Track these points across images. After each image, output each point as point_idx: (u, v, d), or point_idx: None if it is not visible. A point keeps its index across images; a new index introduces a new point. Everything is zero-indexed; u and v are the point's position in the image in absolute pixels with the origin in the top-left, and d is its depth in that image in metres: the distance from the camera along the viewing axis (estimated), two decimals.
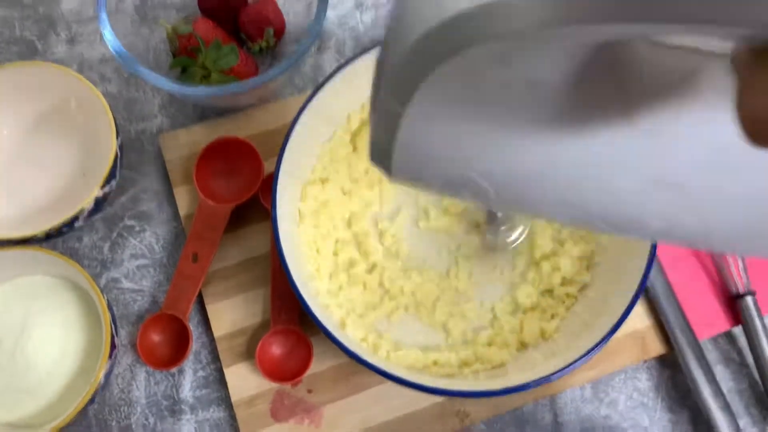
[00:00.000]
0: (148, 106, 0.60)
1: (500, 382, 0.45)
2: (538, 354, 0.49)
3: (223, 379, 0.53)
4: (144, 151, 0.59)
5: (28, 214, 0.55)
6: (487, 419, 0.52)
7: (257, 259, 0.55)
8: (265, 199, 0.55)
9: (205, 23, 0.56)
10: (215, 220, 0.55)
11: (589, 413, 0.53)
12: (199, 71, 0.55)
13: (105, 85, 0.61)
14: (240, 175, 0.56)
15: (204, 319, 0.54)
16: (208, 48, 0.55)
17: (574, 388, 0.53)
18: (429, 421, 0.51)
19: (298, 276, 0.46)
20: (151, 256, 0.56)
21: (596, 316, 0.47)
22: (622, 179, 0.23)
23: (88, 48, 0.62)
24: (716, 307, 0.55)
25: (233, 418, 0.52)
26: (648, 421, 0.53)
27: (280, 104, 0.59)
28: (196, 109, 0.60)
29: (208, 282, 0.54)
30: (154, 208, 0.57)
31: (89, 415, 0.52)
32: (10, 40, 0.62)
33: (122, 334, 0.54)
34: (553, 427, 0.52)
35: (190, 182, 0.57)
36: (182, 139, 0.58)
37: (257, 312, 0.54)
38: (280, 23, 0.59)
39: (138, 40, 0.56)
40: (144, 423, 0.52)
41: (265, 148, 0.56)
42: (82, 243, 0.56)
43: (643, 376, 0.54)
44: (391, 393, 0.52)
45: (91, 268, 0.56)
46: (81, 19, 0.63)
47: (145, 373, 0.53)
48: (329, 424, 0.51)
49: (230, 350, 0.53)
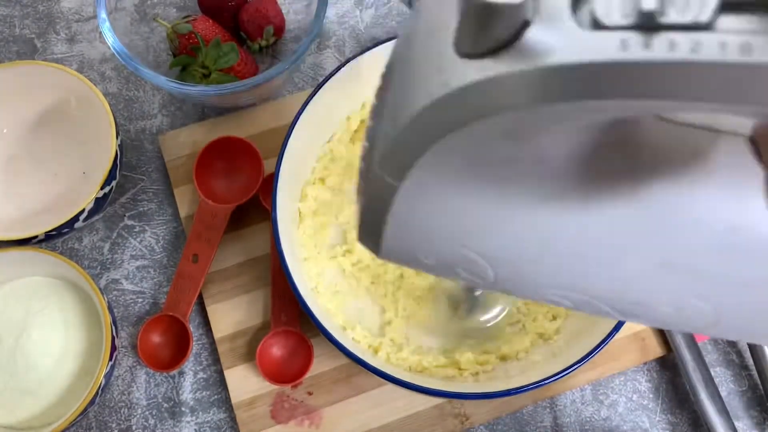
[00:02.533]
0: (148, 106, 0.60)
1: (500, 384, 0.45)
2: (538, 356, 0.49)
3: (224, 381, 0.53)
4: (144, 150, 0.59)
5: (28, 214, 0.55)
6: (487, 422, 0.52)
7: (257, 259, 0.55)
8: (265, 199, 0.55)
9: (205, 22, 0.56)
10: (215, 221, 0.54)
11: (589, 415, 0.53)
12: (199, 70, 0.55)
13: (105, 84, 0.61)
14: (240, 175, 0.56)
15: (204, 320, 0.54)
16: (207, 47, 0.54)
17: (574, 390, 0.53)
18: (429, 424, 0.51)
19: (299, 277, 0.46)
20: (151, 257, 0.56)
21: (596, 317, 0.47)
22: (629, 260, 0.22)
23: (87, 47, 0.62)
24: None
25: (233, 420, 0.52)
26: (648, 423, 0.53)
27: (280, 103, 0.59)
28: (196, 109, 0.60)
29: (209, 283, 0.54)
30: (154, 208, 0.57)
31: (89, 417, 0.52)
32: (9, 39, 0.62)
33: (122, 335, 0.54)
34: (552, 429, 0.52)
35: (190, 182, 0.57)
36: (182, 138, 0.58)
37: (258, 313, 0.54)
38: (280, 22, 0.58)
39: (138, 39, 0.56)
40: (144, 425, 0.52)
41: (265, 147, 0.56)
42: (82, 243, 0.56)
43: (643, 378, 0.54)
44: (392, 395, 0.52)
45: (92, 268, 0.56)
46: (81, 17, 0.62)
47: (146, 374, 0.53)
48: (329, 425, 0.51)
49: (230, 352, 0.53)
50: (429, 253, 0.24)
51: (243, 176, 0.56)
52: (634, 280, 0.22)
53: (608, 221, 0.21)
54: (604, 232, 0.22)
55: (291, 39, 0.60)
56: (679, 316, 0.23)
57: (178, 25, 0.55)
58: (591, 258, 0.22)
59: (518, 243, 0.23)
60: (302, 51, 0.52)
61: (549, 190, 0.21)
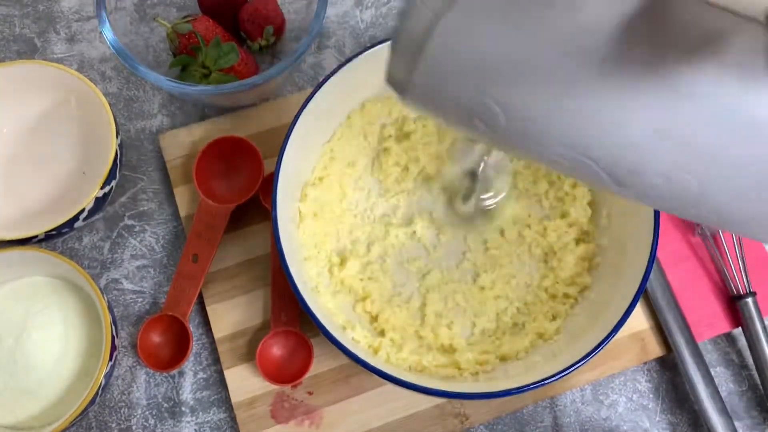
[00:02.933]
0: (148, 105, 0.60)
1: (500, 384, 0.45)
2: (538, 356, 0.49)
3: (224, 381, 0.53)
4: (144, 150, 0.59)
5: (28, 214, 0.55)
6: (487, 421, 0.52)
7: (257, 259, 0.55)
8: (265, 199, 0.55)
9: (205, 21, 0.56)
10: (215, 220, 0.54)
11: (589, 415, 0.53)
12: (199, 70, 0.55)
13: (105, 84, 0.61)
14: (240, 175, 0.56)
15: (204, 320, 0.54)
16: (208, 46, 0.54)
17: (574, 390, 0.53)
18: (429, 424, 0.51)
19: (299, 277, 0.46)
20: (151, 257, 0.56)
21: (596, 317, 0.47)
22: (631, 124, 0.23)
23: (87, 47, 0.62)
24: (716, 309, 0.55)
25: (233, 420, 0.52)
26: (648, 423, 0.53)
27: (280, 103, 0.59)
28: (196, 108, 0.60)
29: (209, 283, 0.54)
30: (154, 208, 0.57)
31: (89, 417, 0.52)
32: (9, 39, 0.62)
33: (122, 335, 0.54)
34: (552, 429, 0.53)
35: (190, 182, 0.57)
36: (182, 138, 0.58)
37: (258, 313, 0.54)
38: (279, 21, 0.58)
39: (138, 38, 0.56)
40: (144, 425, 0.52)
41: (265, 147, 0.56)
42: (82, 243, 0.56)
43: (643, 378, 0.54)
44: (392, 395, 0.52)
45: (92, 268, 0.56)
46: (81, 17, 0.62)
47: (146, 374, 0.53)
48: (329, 425, 0.51)
49: (230, 352, 0.53)
50: (452, 96, 0.25)
51: (243, 176, 0.56)
52: (631, 145, 0.24)
53: (618, 84, 0.23)
54: (613, 93, 0.23)
55: (291, 39, 0.60)
56: (667, 188, 0.25)
57: (178, 25, 0.55)
58: (597, 118, 0.24)
59: (535, 91, 0.24)
60: (302, 51, 0.52)
61: (573, 43, 0.22)
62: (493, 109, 0.25)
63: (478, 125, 0.26)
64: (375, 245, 0.53)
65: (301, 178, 0.52)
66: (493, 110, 0.25)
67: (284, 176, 0.47)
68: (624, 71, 0.22)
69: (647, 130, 0.23)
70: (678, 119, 0.23)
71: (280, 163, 0.47)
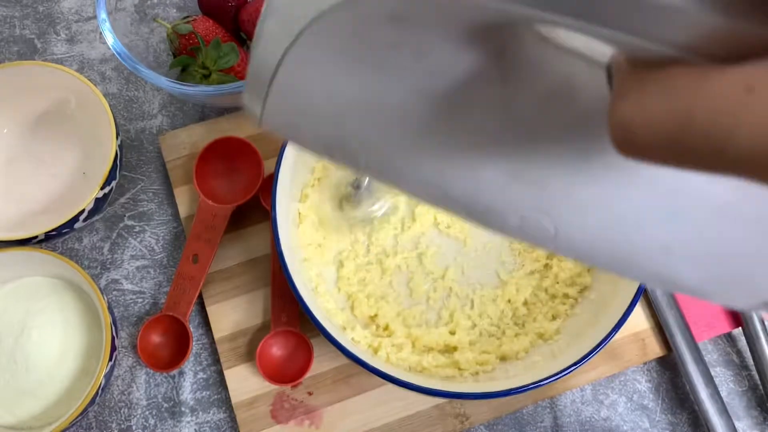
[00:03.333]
0: (148, 106, 0.60)
1: (500, 384, 0.45)
2: (538, 356, 0.49)
3: (224, 381, 0.53)
4: (144, 151, 0.59)
5: (28, 214, 0.55)
6: (487, 422, 0.52)
7: (257, 259, 0.55)
8: (265, 200, 0.55)
9: (205, 22, 0.56)
10: (215, 221, 0.54)
11: (589, 415, 0.53)
12: (199, 71, 0.55)
13: (105, 84, 0.61)
14: (240, 175, 0.56)
15: (204, 320, 0.54)
16: (208, 47, 0.54)
17: (574, 390, 0.53)
18: (429, 424, 0.51)
19: (298, 277, 0.46)
20: (151, 257, 0.56)
21: (596, 317, 0.47)
22: (486, 166, 0.23)
23: (88, 47, 0.62)
24: (716, 309, 0.55)
25: (233, 420, 0.52)
26: (648, 423, 0.53)
27: None
28: (196, 109, 0.60)
29: (209, 283, 0.54)
30: (154, 208, 0.57)
31: (89, 417, 0.52)
32: (9, 39, 0.62)
33: (122, 335, 0.54)
34: (552, 429, 0.52)
35: (190, 182, 0.57)
36: (182, 139, 0.58)
37: (258, 313, 0.54)
38: None
39: (138, 39, 0.56)
40: (144, 425, 0.52)
41: (265, 148, 0.56)
42: (82, 244, 0.56)
43: (643, 378, 0.54)
44: (392, 395, 0.52)
45: (92, 268, 0.56)
46: (81, 18, 0.63)
47: (146, 374, 0.53)
48: (329, 425, 0.51)
49: (230, 352, 0.53)
50: (306, 133, 0.25)
51: (243, 176, 0.56)
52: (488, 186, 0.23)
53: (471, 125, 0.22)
54: (464, 136, 0.23)
55: None
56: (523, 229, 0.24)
57: (178, 26, 0.55)
58: (451, 159, 0.23)
59: (387, 128, 0.23)
60: None
61: (423, 83, 0.21)
62: (350, 146, 0.24)
63: (339, 160, 0.25)
64: (374, 246, 0.53)
65: (301, 178, 0.52)
66: (351, 147, 0.24)
67: (284, 176, 0.47)
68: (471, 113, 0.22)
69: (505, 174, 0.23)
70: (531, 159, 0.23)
71: (280, 163, 0.47)
